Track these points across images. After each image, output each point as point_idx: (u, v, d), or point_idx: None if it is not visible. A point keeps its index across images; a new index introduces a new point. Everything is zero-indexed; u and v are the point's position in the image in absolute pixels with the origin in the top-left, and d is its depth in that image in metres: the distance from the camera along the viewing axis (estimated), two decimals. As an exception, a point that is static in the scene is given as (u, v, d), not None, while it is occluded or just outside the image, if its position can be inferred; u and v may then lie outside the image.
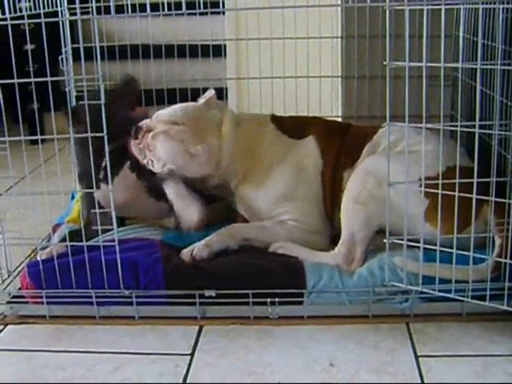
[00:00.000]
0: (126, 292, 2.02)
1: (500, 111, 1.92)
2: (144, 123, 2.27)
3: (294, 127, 2.35)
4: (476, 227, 1.94)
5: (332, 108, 2.69)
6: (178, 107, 2.31)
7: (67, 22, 2.27)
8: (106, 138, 1.92)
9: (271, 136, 2.32)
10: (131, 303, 2.03)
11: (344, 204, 2.15)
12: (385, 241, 1.94)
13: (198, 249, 2.13)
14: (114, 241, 2.00)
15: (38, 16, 1.95)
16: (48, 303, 2.05)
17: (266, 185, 2.27)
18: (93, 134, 1.94)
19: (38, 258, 2.11)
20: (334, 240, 2.19)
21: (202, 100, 2.34)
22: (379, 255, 2.07)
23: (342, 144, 2.30)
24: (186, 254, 2.13)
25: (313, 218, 2.25)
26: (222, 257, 2.13)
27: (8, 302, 2.10)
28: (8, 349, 1.94)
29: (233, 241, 2.18)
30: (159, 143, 2.22)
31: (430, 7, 1.79)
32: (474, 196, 1.84)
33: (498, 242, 1.96)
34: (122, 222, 2.35)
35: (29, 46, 2.19)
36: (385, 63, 1.83)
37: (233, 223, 2.28)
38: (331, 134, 2.33)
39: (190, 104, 2.34)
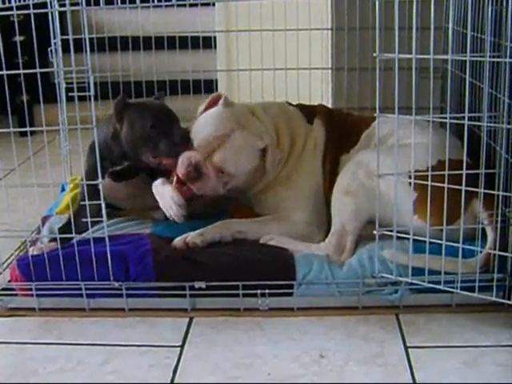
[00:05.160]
0: (116, 284, 2.02)
1: (489, 103, 1.92)
2: (190, 158, 2.15)
3: (306, 111, 2.37)
4: (465, 220, 1.94)
5: (322, 100, 2.69)
6: (210, 122, 2.22)
7: (57, 13, 2.26)
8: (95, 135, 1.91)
9: (297, 119, 2.34)
10: (121, 295, 2.03)
11: (334, 195, 2.16)
12: (374, 232, 1.95)
13: (192, 236, 2.13)
14: (103, 234, 2.00)
15: (27, 7, 1.94)
16: (37, 296, 2.05)
17: (290, 175, 2.29)
18: (82, 126, 1.94)
19: (29, 254, 2.11)
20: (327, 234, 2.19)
21: (219, 104, 2.26)
22: (369, 245, 2.07)
23: (342, 129, 2.33)
24: (179, 241, 2.13)
25: (312, 209, 2.26)
26: (213, 248, 2.13)
27: (-3, 295, 2.09)
28: (-3, 341, 1.94)
29: (227, 232, 2.18)
30: (234, 158, 2.17)
31: (419, -1, 1.80)
32: (464, 188, 1.85)
33: (490, 236, 1.97)
34: (111, 210, 2.35)
35: (18, 38, 2.18)
36: (375, 55, 1.83)
37: (225, 217, 2.28)
38: (334, 119, 2.37)
39: (213, 112, 2.26)
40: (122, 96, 2.19)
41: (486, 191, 1.89)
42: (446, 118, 1.93)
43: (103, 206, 1.97)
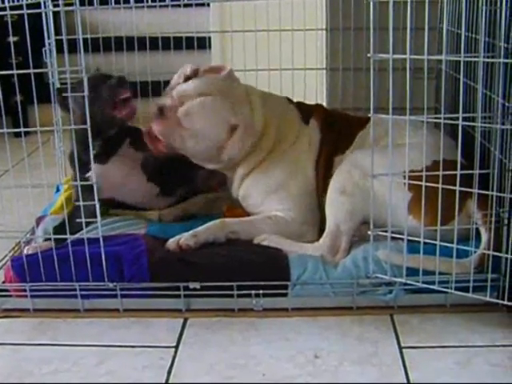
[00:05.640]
0: (111, 285, 2.02)
1: (483, 103, 1.92)
2: (165, 102, 2.21)
3: (304, 110, 2.37)
4: (459, 221, 1.94)
5: (317, 100, 2.68)
6: (200, 80, 2.24)
7: (50, 14, 2.25)
8: (88, 124, 1.92)
9: (291, 117, 2.34)
10: (115, 296, 2.03)
11: (329, 195, 2.15)
12: (369, 233, 1.95)
13: (185, 238, 2.13)
14: (97, 235, 2.00)
15: (20, 7, 1.94)
16: (32, 296, 2.05)
17: (272, 172, 2.28)
18: (76, 127, 1.94)
19: (23, 253, 2.10)
20: (321, 233, 2.18)
21: (223, 73, 2.28)
22: (363, 246, 2.08)
23: (338, 130, 2.33)
24: (172, 242, 2.13)
25: (305, 208, 2.25)
26: (208, 249, 2.13)
27: (-9, 296, 2.09)
28: (-8, 342, 1.94)
29: (220, 233, 2.18)
30: (196, 116, 2.18)
31: (413, -1, 1.80)
32: (458, 189, 1.85)
33: (484, 237, 1.97)
34: (106, 209, 2.35)
35: (11, 38, 2.18)
36: (369, 55, 1.83)
37: (218, 218, 2.26)
38: (330, 120, 2.36)
39: (212, 76, 2.27)
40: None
41: (480, 191, 1.89)
42: (440, 118, 1.93)
43: (97, 206, 1.97)
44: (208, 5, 3.56)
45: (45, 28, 2.26)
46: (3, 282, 2.10)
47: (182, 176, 2.43)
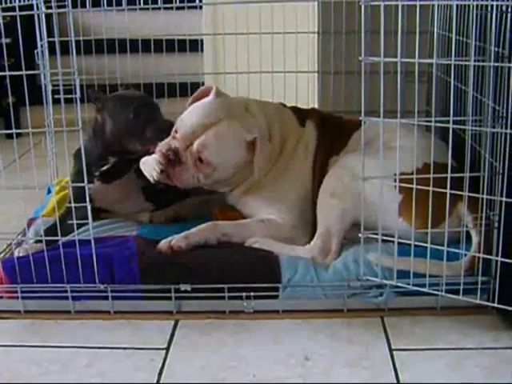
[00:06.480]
0: (101, 286, 2.02)
1: (474, 107, 1.93)
2: (170, 147, 2.12)
3: (299, 114, 2.37)
4: (450, 223, 1.95)
5: (308, 103, 2.69)
6: (198, 112, 2.17)
7: (43, 16, 2.25)
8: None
9: (289, 121, 2.33)
10: (106, 297, 2.03)
11: (320, 198, 2.16)
12: (360, 235, 1.96)
13: (176, 240, 2.13)
14: (89, 236, 2.00)
15: (13, 9, 1.94)
16: (23, 298, 2.04)
17: (272, 181, 2.27)
18: (68, 129, 1.94)
19: (15, 255, 2.10)
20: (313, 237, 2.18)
21: (211, 94, 2.22)
22: (354, 248, 2.08)
23: (333, 132, 2.33)
24: (163, 244, 2.12)
25: (297, 212, 2.25)
26: (199, 251, 2.13)
27: (-18, 297, 2.09)
28: (-18, 344, 1.93)
29: (212, 235, 2.17)
30: (213, 149, 2.12)
31: (404, 3, 1.80)
32: (448, 191, 1.86)
33: (475, 239, 1.98)
34: (97, 213, 2.34)
35: (4, 40, 2.17)
36: (360, 58, 1.84)
37: (209, 220, 2.26)
38: (325, 122, 2.36)
39: (205, 101, 2.22)
40: (97, 90, 2.22)
41: (471, 194, 1.90)
42: (431, 121, 1.94)
43: (89, 208, 1.97)
44: (200, 8, 3.56)
45: (37, 30, 2.26)
46: (-6, 284, 2.10)
47: (178, 194, 2.41)
